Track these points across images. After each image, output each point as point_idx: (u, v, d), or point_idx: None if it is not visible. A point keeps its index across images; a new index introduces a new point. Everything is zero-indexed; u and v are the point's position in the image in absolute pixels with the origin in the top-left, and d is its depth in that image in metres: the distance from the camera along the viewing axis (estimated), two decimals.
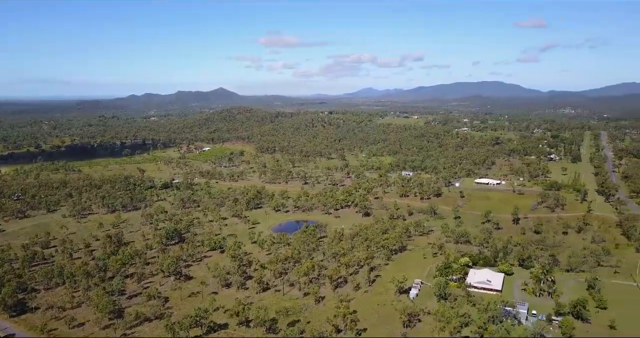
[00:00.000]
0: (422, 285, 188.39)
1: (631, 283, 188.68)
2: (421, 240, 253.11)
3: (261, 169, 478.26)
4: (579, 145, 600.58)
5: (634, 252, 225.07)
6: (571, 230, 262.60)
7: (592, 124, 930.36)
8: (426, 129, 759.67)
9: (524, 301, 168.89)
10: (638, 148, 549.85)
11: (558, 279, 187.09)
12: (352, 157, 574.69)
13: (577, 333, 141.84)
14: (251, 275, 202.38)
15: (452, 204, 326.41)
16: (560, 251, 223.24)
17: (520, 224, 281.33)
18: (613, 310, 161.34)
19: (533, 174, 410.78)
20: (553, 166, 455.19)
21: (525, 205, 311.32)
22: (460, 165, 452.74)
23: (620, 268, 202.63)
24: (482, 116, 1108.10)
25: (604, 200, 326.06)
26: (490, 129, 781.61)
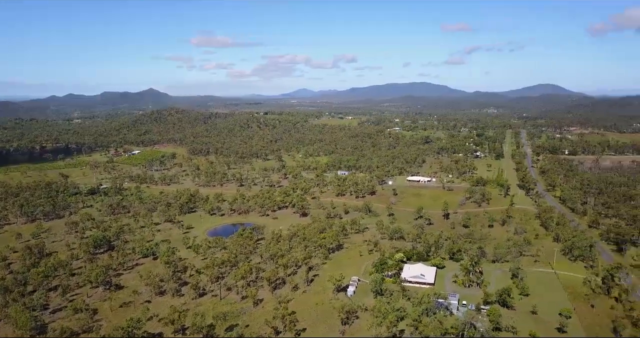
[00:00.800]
0: (359, 282, 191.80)
1: (549, 271, 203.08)
2: (357, 238, 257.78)
3: (195, 172, 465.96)
4: (502, 143, 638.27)
5: (551, 241, 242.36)
6: (496, 223, 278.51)
7: (513, 122, 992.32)
8: (360, 129, 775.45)
9: (455, 292, 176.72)
10: (553, 145, 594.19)
11: (485, 270, 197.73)
12: (288, 157, 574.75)
13: (503, 320, 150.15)
14: (187, 281, 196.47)
15: (386, 202, 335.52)
16: (487, 243, 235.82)
17: (450, 219, 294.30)
18: (534, 297, 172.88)
19: (461, 171, 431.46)
20: (479, 163, 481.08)
21: (454, 201, 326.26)
22: (393, 164, 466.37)
23: (540, 257, 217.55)
24: (412, 116, 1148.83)
25: (524, 193, 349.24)
26: (421, 129, 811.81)
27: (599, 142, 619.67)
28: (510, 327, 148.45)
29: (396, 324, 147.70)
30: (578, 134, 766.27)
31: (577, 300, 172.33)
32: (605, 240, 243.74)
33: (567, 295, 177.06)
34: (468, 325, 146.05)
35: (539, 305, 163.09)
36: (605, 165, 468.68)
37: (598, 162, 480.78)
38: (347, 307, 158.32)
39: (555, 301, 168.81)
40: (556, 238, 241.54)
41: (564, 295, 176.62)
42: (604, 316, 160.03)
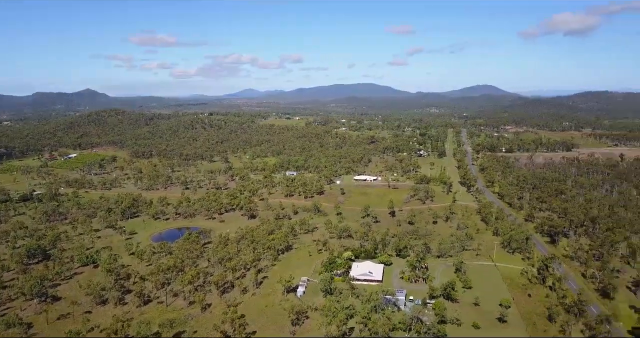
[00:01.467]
0: (308, 282, 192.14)
1: (490, 263, 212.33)
2: (306, 238, 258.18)
3: (137, 175, 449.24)
4: (444, 142, 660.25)
5: (491, 235, 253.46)
6: (440, 220, 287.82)
7: (454, 122, 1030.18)
8: (307, 130, 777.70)
9: (402, 288, 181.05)
10: (491, 143, 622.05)
11: (431, 265, 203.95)
12: (235, 159, 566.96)
13: (448, 313, 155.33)
14: (130, 289, 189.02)
15: (334, 201, 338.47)
16: (432, 239, 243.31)
17: (396, 216, 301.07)
18: (477, 289, 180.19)
19: (405, 169, 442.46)
20: (422, 161, 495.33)
21: (400, 199, 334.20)
22: (341, 164, 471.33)
23: (481, 250, 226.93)
24: (358, 116, 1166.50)
25: (465, 190, 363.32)
26: (366, 129, 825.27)
27: (532, 140, 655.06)
28: (455, 319, 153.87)
29: (346, 322, 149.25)
30: (514, 132, 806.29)
31: (515, 291, 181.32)
32: (539, 232, 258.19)
33: (507, 286, 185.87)
34: (415, 320, 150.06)
35: (481, 297, 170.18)
36: (539, 161, 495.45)
37: (532, 159, 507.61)
38: (297, 308, 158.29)
39: (496, 292, 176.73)
40: (496, 232, 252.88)
41: (504, 286, 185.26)
42: (540, 304, 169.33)
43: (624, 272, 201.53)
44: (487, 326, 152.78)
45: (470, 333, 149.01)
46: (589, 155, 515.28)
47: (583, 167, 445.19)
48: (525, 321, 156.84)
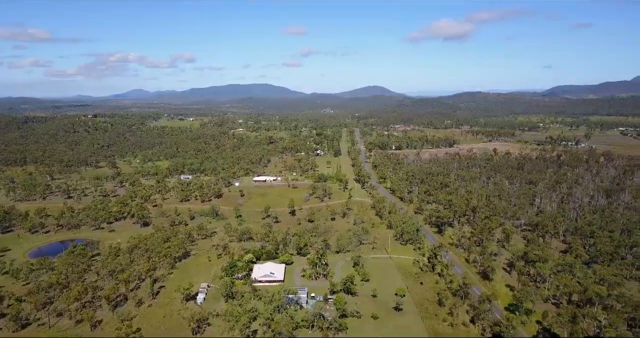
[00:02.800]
0: (209, 288, 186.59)
1: (385, 256, 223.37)
2: (205, 243, 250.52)
3: (9, 185, 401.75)
4: (339, 141, 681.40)
5: (385, 228, 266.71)
6: (338, 216, 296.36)
7: (348, 122, 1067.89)
8: (203, 131, 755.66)
9: (304, 286, 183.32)
10: (382, 141, 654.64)
11: (330, 261, 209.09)
12: (124, 164, 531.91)
13: (348, 307, 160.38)
14: (4, 313, 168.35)
15: (234, 203, 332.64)
16: (331, 236, 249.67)
17: (296, 215, 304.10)
18: (374, 281, 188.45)
19: (304, 169, 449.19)
20: (319, 160, 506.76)
21: (299, 198, 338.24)
22: (239, 165, 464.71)
23: (377, 244, 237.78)
24: (255, 117, 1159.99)
25: (360, 187, 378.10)
26: (264, 129, 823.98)
27: (419, 138, 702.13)
28: (355, 312, 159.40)
29: (249, 325, 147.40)
30: (402, 131, 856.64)
31: (409, 280, 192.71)
32: (428, 223, 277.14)
33: (401, 276, 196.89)
34: (317, 316, 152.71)
35: (378, 289, 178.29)
36: (425, 157, 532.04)
37: (419, 156, 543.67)
38: (198, 315, 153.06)
39: (392, 283, 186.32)
40: (389, 226, 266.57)
41: (399, 277, 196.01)
42: (431, 290, 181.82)
43: (500, 254, 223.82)
44: (384, 316, 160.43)
45: (370, 324, 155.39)
46: (468, 150, 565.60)
47: (463, 162, 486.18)
48: (418, 307, 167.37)
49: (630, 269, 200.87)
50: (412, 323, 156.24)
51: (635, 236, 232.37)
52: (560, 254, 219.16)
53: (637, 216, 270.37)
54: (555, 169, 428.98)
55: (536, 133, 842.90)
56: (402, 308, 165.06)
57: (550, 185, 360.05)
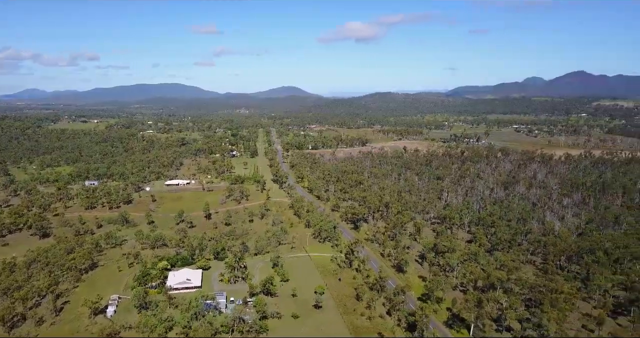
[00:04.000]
0: (120, 300, 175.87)
1: (304, 255, 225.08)
2: (115, 253, 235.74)
3: None
4: (255, 142, 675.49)
5: (304, 227, 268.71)
6: (256, 218, 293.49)
7: (264, 122, 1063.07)
8: (109, 133, 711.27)
9: (222, 291, 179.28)
10: (299, 141, 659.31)
11: (249, 264, 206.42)
12: (19, 170, 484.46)
13: (268, 308, 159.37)
14: None
15: (145, 209, 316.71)
16: (249, 238, 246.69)
17: (212, 219, 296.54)
18: (294, 281, 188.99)
19: (219, 171, 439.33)
20: (236, 162, 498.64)
21: (215, 201, 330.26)
22: (150, 169, 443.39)
23: (295, 243, 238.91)
24: (166, 118, 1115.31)
25: (278, 187, 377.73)
26: (176, 131, 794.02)
27: (334, 137, 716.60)
28: (275, 313, 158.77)
29: (165, 335, 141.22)
30: (318, 130, 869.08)
31: (327, 277, 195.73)
32: (345, 220, 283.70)
33: (320, 273, 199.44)
34: (237, 320, 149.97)
35: (298, 288, 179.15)
36: (340, 156, 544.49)
37: (335, 155, 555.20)
38: (108, 330, 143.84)
39: (311, 281, 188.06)
40: (307, 225, 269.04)
41: (318, 274, 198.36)
42: (349, 286, 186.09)
43: (412, 247, 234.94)
44: (305, 314, 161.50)
45: (290, 323, 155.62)
46: (380, 148, 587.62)
47: (376, 159, 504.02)
48: (337, 304, 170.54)
49: (525, 254, 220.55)
50: (331, 320, 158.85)
51: (529, 224, 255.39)
52: (466, 244, 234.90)
53: (530, 205, 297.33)
54: (460, 164, 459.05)
55: (442, 131, 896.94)
56: (321, 305, 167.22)
57: (456, 179, 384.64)
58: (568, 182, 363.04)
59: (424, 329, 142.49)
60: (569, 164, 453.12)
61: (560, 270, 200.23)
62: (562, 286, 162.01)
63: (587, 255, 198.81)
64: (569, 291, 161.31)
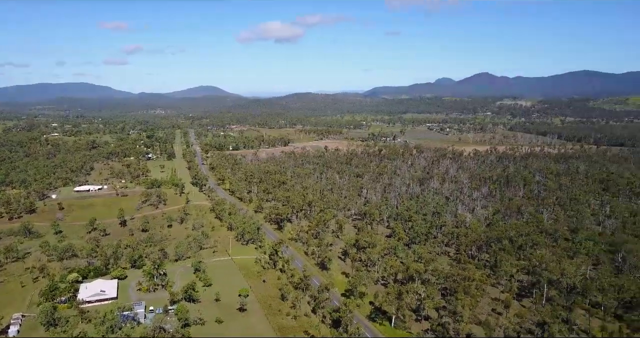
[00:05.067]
0: (24, 318, 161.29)
1: (227, 258, 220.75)
2: (17, 267, 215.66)
3: None
4: (172, 143, 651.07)
5: (226, 230, 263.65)
6: (175, 223, 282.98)
7: (181, 123, 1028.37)
8: (7, 137, 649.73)
9: (140, 300, 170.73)
10: (219, 142, 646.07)
11: (169, 270, 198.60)
12: None
13: (190, 315, 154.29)
14: None
15: (51, 218, 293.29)
16: (168, 244, 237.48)
17: (128, 226, 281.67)
18: (217, 285, 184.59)
19: (134, 175, 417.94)
20: (152, 165, 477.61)
21: (131, 207, 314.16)
22: (55, 175, 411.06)
23: (218, 247, 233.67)
24: (73, 120, 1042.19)
25: (198, 190, 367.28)
26: (85, 133, 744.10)
27: (255, 138, 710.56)
28: (198, 320, 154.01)
29: None
30: (239, 131, 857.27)
31: (252, 279, 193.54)
32: (268, 221, 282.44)
33: (244, 276, 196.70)
34: (158, 330, 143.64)
35: (222, 292, 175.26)
36: (263, 157, 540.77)
37: (257, 155, 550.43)
38: None
39: (235, 284, 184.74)
40: (230, 227, 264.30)
41: (241, 277, 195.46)
42: (274, 287, 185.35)
43: (335, 244, 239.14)
44: (229, 318, 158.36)
45: (214, 329, 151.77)
46: (302, 148, 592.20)
47: (298, 159, 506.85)
48: (262, 305, 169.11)
49: (440, 246, 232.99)
50: (256, 322, 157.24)
51: (443, 217, 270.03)
52: (385, 239, 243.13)
53: (444, 199, 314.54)
54: (378, 162, 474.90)
55: (361, 130, 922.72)
56: (246, 308, 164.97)
57: (375, 177, 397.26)
58: (477, 176, 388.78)
59: (348, 324, 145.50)
60: (477, 160, 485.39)
61: (471, 259, 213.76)
62: (473, 274, 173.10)
63: (495, 244, 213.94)
64: (480, 278, 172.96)
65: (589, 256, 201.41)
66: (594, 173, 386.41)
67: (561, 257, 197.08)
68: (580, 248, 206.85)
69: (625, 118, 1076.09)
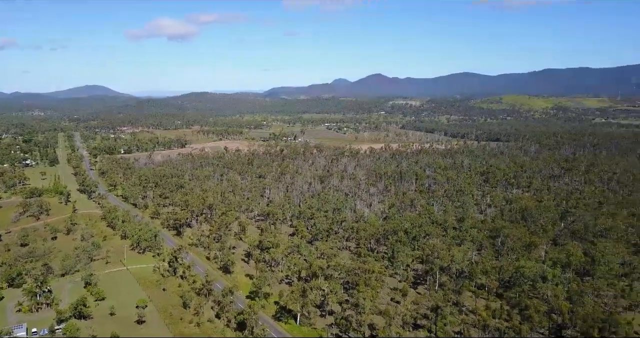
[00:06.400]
0: None
1: (122, 268, 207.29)
2: None
3: None
4: (55, 148, 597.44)
5: (120, 239, 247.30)
6: (60, 234, 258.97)
7: (65, 125, 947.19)
8: None
9: (21, 323, 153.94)
10: (109, 145, 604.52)
11: (55, 287, 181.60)
12: None
13: (82, 333, 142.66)
14: None
15: None
16: (53, 257, 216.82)
17: (3, 241, 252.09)
18: (111, 298, 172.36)
19: (9, 184, 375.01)
20: (31, 172, 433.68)
21: (6, 219, 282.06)
22: None
23: (111, 257, 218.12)
24: None
25: (87, 197, 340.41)
26: None
27: (150, 140, 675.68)
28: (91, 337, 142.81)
29: None
30: (131, 133, 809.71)
31: (150, 289, 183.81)
32: (166, 227, 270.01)
33: (141, 286, 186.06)
34: None
35: (117, 305, 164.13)
36: (158, 160, 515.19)
37: (152, 158, 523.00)
38: None
39: (132, 296, 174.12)
40: (124, 236, 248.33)
41: (139, 288, 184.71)
42: (174, 295, 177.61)
43: (238, 247, 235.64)
44: (126, 332, 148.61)
45: None
46: (201, 149, 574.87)
47: (197, 161, 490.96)
48: (162, 315, 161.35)
49: (342, 241, 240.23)
50: (157, 333, 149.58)
51: (343, 213, 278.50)
52: (289, 237, 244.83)
53: (343, 196, 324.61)
54: (280, 162, 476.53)
55: (261, 130, 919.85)
56: (145, 320, 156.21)
57: (277, 176, 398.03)
58: (373, 172, 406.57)
59: (253, 326, 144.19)
60: (373, 157, 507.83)
61: (371, 252, 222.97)
62: (373, 266, 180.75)
63: (391, 236, 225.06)
64: (379, 270, 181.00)
65: (474, 242, 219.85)
66: (476, 167, 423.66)
67: (450, 244, 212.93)
68: (466, 236, 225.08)
69: (500, 116, 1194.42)
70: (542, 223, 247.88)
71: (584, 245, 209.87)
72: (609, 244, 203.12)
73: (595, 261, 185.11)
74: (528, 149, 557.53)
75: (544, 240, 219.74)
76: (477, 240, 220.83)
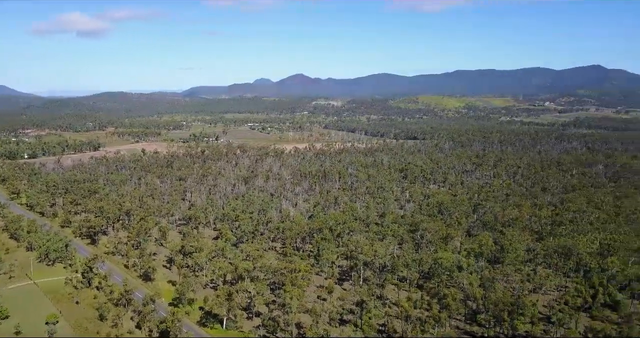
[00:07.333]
0: None
1: (28, 282, 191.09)
2: None
3: None
4: None
5: (25, 251, 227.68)
6: None
7: None
8: None
9: None
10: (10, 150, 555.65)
11: None
12: None
13: None
14: None
15: None
16: None
17: None
18: (16, 316, 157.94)
19: None
20: None
21: None
22: None
23: (15, 271, 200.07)
24: None
25: None
26: None
27: (58, 143, 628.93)
28: None
29: None
30: (36, 136, 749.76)
31: (62, 303, 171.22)
32: (79, 236, 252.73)
33: (51, 300, 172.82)
34: None
35: (23, 323, 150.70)
36: (68, 164, 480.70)
37: (60, 162, 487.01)
38: None
39: (41, 312, 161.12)
40: (30, 247, 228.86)
41: (49, 303, 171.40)
42: (90, 307, 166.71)
43: (160, 253, 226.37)
44: None
45: None
46: (116, 152, 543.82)
47: (112, 165, 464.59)
48: (76, 330, 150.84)
49: (267, 242, 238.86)
50: None
51: (269, 213, 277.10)
52: (213, 241, 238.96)
53: (269, 196, 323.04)
54: (201, 163, 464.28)
55: (181, 131, 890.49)
56: (56, 337, 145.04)
57: (198, 179, 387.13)
58: (298, 172, 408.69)
59: (177, 334, 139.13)
60: (297, 157, 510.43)
61: (297, 251, 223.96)
62: (299, 265, 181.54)
63: (317, 234, 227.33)
64: (305, 268, 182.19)
65: (395, 237, 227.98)
66: (395, 164, 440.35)
67: (373, 240, 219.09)
68: (388, 231, 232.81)
69: (417, 115, 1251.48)
70: (457, 216, 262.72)
71: (494, 234, 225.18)
72: (516, 233, 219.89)
73: (504, 249, 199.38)
74: (443, 146, 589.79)
75: (459, 232, 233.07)
76: (398, 234, 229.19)
